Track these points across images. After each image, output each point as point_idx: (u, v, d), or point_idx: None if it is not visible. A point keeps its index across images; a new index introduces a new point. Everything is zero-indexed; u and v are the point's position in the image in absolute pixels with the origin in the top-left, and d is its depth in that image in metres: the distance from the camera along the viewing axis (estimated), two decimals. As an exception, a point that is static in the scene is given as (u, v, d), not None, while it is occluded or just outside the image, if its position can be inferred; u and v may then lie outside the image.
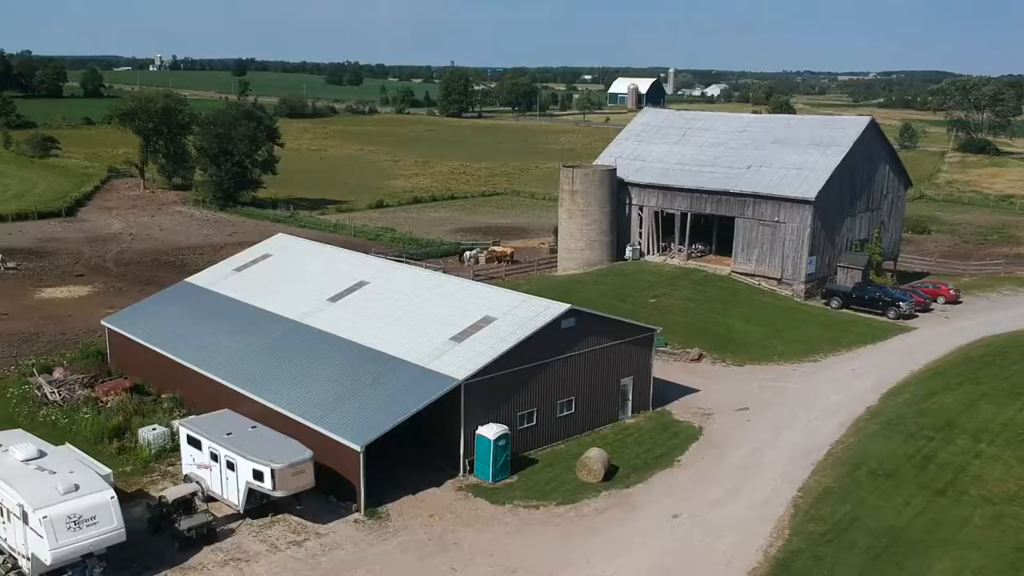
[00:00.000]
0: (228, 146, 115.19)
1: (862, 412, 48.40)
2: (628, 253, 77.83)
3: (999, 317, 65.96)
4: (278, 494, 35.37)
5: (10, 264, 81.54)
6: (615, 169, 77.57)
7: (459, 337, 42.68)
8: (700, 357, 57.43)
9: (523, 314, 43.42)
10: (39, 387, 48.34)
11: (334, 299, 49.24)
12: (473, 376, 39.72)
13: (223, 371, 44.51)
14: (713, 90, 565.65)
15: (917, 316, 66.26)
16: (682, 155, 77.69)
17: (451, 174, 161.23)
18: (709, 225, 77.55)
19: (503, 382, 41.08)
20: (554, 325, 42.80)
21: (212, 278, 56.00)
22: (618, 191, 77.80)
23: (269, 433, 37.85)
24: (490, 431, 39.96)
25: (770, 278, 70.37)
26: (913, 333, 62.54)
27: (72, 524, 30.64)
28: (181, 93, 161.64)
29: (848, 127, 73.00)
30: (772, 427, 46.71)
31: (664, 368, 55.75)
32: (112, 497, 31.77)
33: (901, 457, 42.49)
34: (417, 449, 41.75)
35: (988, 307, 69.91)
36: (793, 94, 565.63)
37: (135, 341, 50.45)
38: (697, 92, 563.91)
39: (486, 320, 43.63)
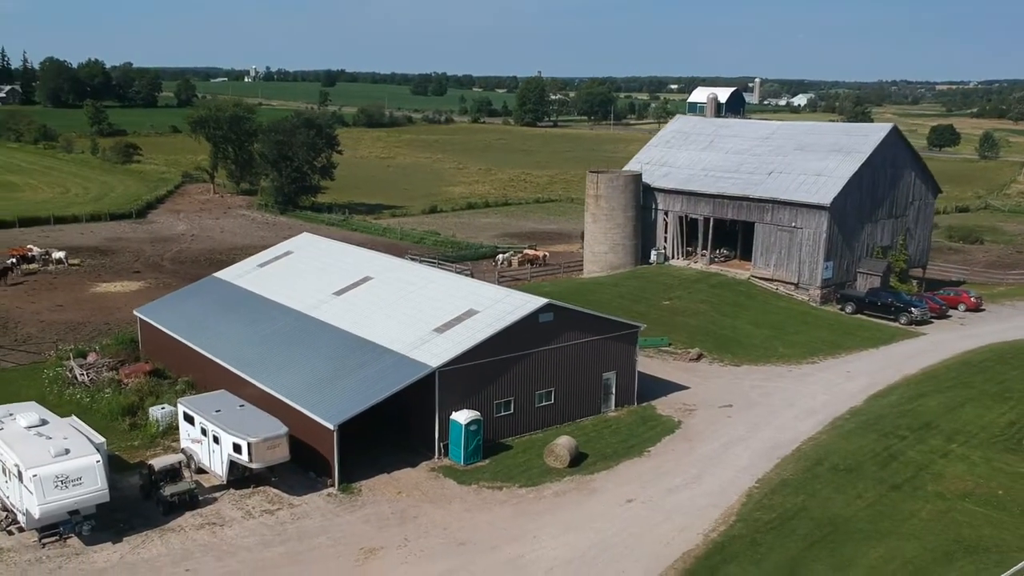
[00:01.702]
0: (288, 152, 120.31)
1: (844, 412, 49.33)
2: (653, 257, 79.35)
3: (1016, 325, 65.52)
4: (254, 466, 38.47)
5: (73, 261, 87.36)
6: (640, 175, 79.25)
7: (442, 328, 45.27)
8: (699, 357, 58.79)
9: (504, 308, 45.76)
10: (70, 369, 52.70)
11: (339, 293, 52.39)
12: (447, 364, 42.21)
13: (228, 356, 48.01)
14: (799, 99, 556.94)
15: (931, 322, 66.25)
16: (707, 161, 78.94)
17: (511, 181, 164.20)
18: (734, 230, 78.50)
19: (478, 371, 43.43)
20: (531, 319, 44.99)
21: (237, 272, 59.89)
22: (644, 196, 79.46)
23: (253, 411, 41.02)
24: (462, 416, 42.37)
25: (787, 283, 71.10)
26: (920, 338, 62.69)
27: (60, 483, 34.18)
28: (270, 103, 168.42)
29: (869, 134, 73.24)
30: (750, 424, 47.98)
31: (661, 366, 57.44)
32: (98, 461, 35.22)
33: (866, 454, 43.45)
34: (398, 432, 44.48)
35: (1009, 315, 69.40)
36: (884, 104, 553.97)
37: (160, 329, 54.48)
38: (782, 102, 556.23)
39: (469, 313, 46.12)
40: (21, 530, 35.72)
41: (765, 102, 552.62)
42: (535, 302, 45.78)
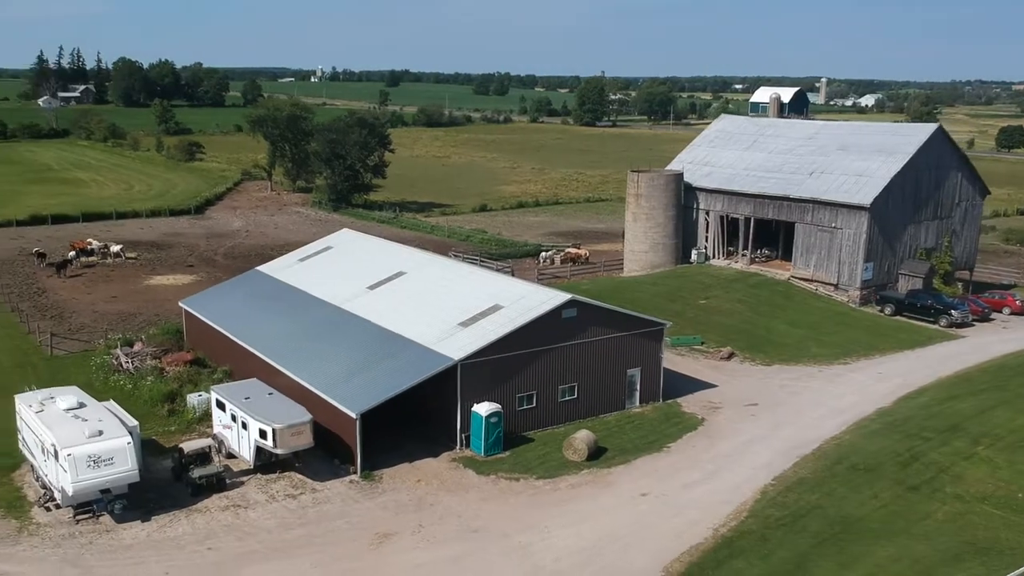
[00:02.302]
0: (341, 151, 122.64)
1: (871, 413, 49.08)
2: (694, 257, 79.39)
3: (1062, 329, 64.23)
4: (279, 451, 39.90)
5: (130, 255, 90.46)
6: (681, 174, 79.35)
7: (467, 323, 46.27)
8: (731, 356, 58.86)
9: (528, 304, 46.58)
10: (116, 357, 54.93)
11: (373, 287, 53.74)
12: (469, 357, 43.20)
13: (263, 346, 49.65)
14: (867, 100, 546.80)
15: (973, 325, 65.24)
16: (750, 161, 78.71)
17: (563, 180, 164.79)
18: (777, 231, 78.13)
19: (501, 364, 44.32)
20: (554, 314, 45.74)
21: (278, 266, 61.73)
22: (686, 196, 79.53)
23: (281, 399, 42.48)
24: (483, 408, 43.30)
25: (827, 283, 70.62)
26: (959, 341, 61.86)
27: (92, 463, 35.96)
28: (333, 103, 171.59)
29: (913, 134, 72.30)
30: (773, 422, 48.05)
31: (692, 364, 57.70)
32: (129, 443, 36.94)
33: (888, 454, 43.29)
34: (423, 423, 45.62)
35: (1057, 319, 67.95)
36: (956, 104, 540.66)
37: (202, 320, 56.45)
38: (849, 102, 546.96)
39: (495, 308, 47.04)
40: (58, 507, 37.62)
41: (832, 102, 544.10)
42: (558, 298, 46.50)
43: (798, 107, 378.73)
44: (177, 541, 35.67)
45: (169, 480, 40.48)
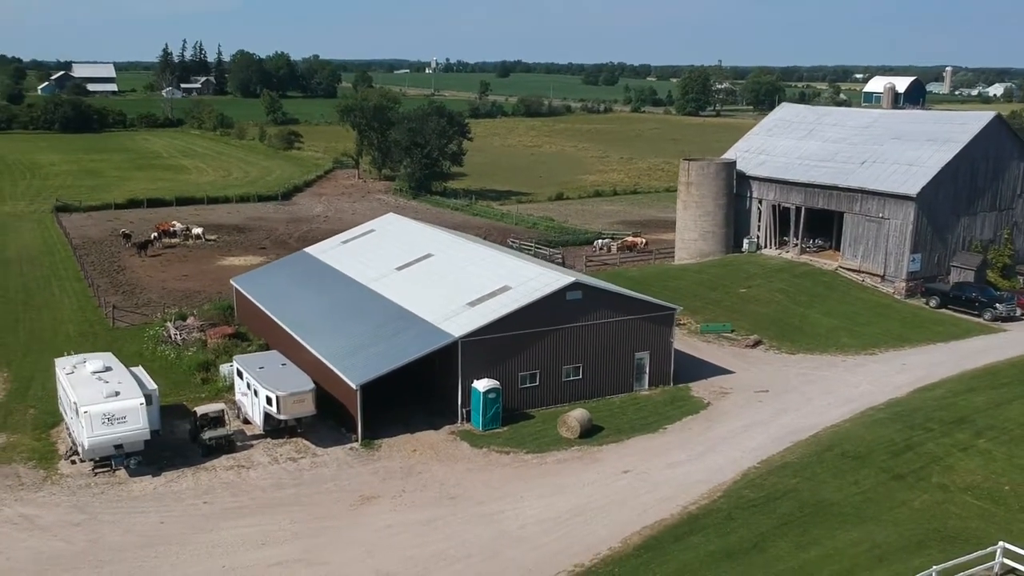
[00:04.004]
0: (419, 140, 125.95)
1: (881, 403, 48.67)
2: (745, 246, 79.09)
3: (1116, 325, 61.65)
4: (282, 417, 42.68)
5: (210, 237, 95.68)
6: (734, 163, 79.08)
7: (475, 302, 48.14)
8: (756, 344, 58.93)
9: (534, 286, 48.13)
10: (167, 330, 59.00)
11: (400, 268, 56.16)
12: (469, 335, 45.09)
13: (292, 322, 52.64)
14: (995, 89, 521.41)
15: (1021, 319, 63.26)
16: (804, 150, 77.83)
17: (648, 170, 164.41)
18: (831, 220, 77.09)
19: (502, 343, 46.04)
20: (558, 296, 47.15)
21: (322, 248, 64.90)
22: (739, 185, 79.25)
23: (292, 369, 45.27)
24: (482, 384, 45.11)
25: (874, 274, 69.48)
26: (997, 335, 60.17)
27: (107, 420, 39.38)
28: (442, 94, 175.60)
29: (968, 123, 70.21)
30: (777, 409, 48.25)
31: (715, 351, 58.10)
32: (141, 404, 40.22)
33: (882, 443, 43.12)
34: (430, 398, 47.77)
35: (1115, 315, 65.09)
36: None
37: (246, 296, 60.04)
38: (974, 92, 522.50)
39: (503, 289, 48.76)
40: (83, 461, 41.29)
41: (956, 92, 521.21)
42: (562, 280, 47.85)
43: (914, 97, 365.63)
44: (179, 495, 38.80)
45: (186, 441, 43.77)
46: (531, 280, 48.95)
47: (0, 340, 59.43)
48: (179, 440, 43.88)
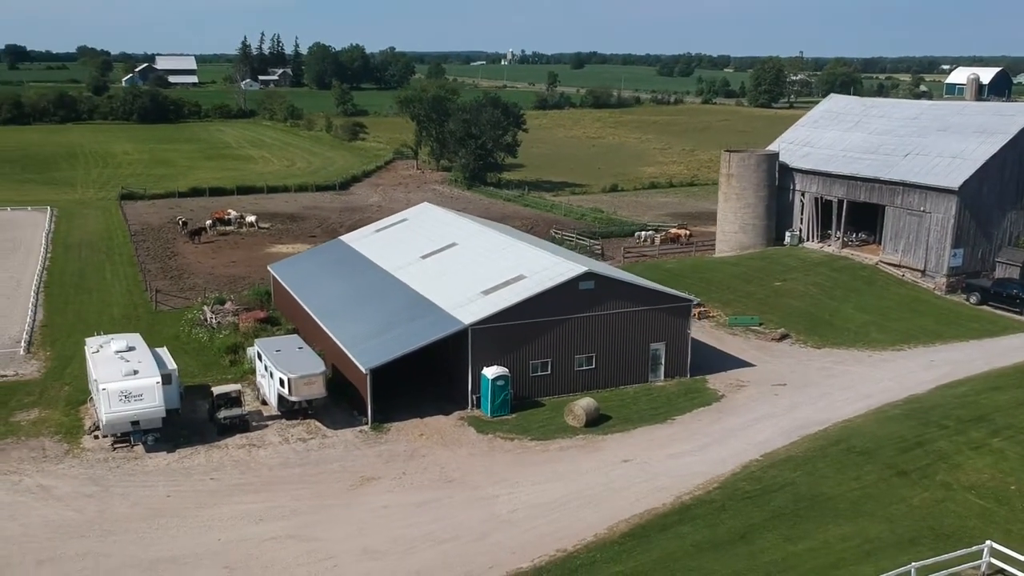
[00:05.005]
0: (474, 130, 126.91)
1: (900, 399, 47.81)
2: (787, 239, 78.02)
3: None
4: (293, 398, 43.95)
5: (264, 225, 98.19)
6: (775, 155, 77.99)
7: (489, 291, 48.75)
8: (783, 338, 58.26)
9: (548, 275, 48.53)
10: (204, 314, 61.02)
11: (425, 256, 57.08)
12: (479, 323, 45.75)
13: (316, 307, 54.01)
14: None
15: (1063, 318, 61.24)
16: (849, 142, 76.35)
17: (708, 162, 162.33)
18: (874, 214, 75.53)
19: (514, 331, 46.56)
20: (570, 286, 47.46)
21: (356, 236, 66.26)
22: (782, 177, 78.18)
23: (306, 353, 46.50)
24: (491, 372, 45.72)
25: (914, 269, 67.93)
26: (1036, 333, 58.39)
27: (124, 398, 41.14)
28: (514, 86, 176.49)
29: (1016, 114, 67.94)
30: (792, 403, 47.77)
31: (740, 344, 57.67)
32: (157, 383, 41.87)
33: (892, 439, 42.43)
34: (444, 384, 48.59)
35: None
36: None
37: (280, 282, 61.71)
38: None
39: (518, 278, 49.26)
40: (104, 436, 43.20)
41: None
42: (575, 270, 48.12)
43: (999, 88, 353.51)
44: (189, 471, 40.35)
45: (206, 420, 45.40)
46: (545, 270, 49.35)
47: (48, 320, 62.24)
48: (199, 419, 45.48)
